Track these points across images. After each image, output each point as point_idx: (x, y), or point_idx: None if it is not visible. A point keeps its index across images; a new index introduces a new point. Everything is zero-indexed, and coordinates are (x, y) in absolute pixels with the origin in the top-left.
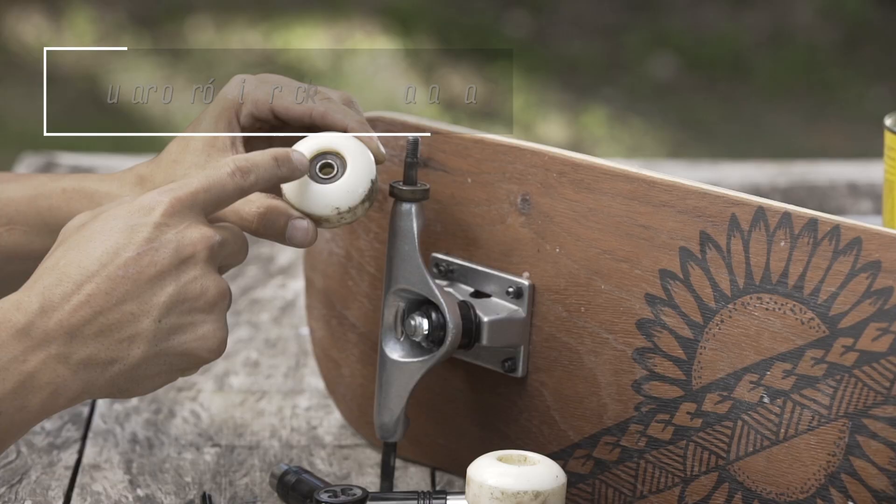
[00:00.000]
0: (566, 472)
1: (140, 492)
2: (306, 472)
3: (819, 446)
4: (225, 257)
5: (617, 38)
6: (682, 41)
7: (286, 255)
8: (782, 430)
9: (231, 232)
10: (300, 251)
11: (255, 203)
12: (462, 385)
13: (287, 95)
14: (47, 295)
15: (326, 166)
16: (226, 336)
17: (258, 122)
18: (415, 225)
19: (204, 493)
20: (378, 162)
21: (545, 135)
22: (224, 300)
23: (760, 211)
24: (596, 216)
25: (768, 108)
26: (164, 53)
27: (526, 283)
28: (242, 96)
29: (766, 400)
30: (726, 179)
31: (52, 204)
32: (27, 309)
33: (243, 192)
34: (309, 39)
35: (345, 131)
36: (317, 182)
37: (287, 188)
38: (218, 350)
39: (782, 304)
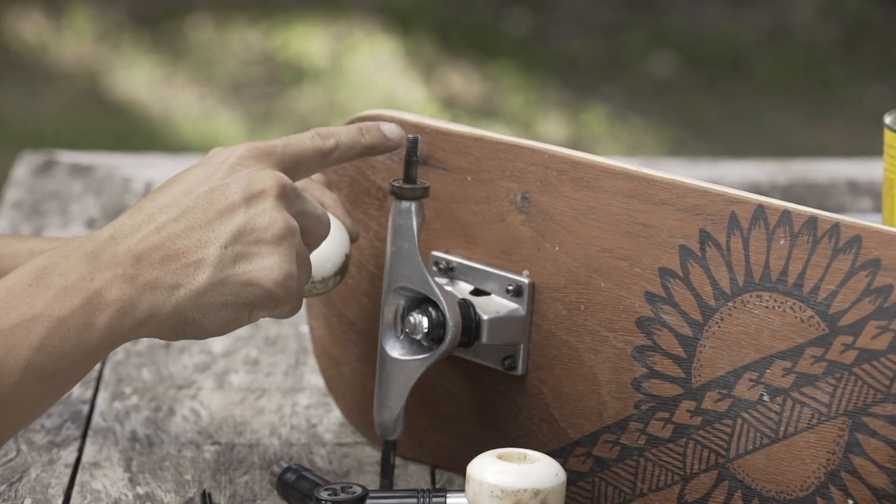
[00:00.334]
0: (566, 470)
1: (140, 490)
2: (306, 470)
3: (819, 444)
4: (302, 214)
5: (617, 36)
6: (682, 39)
7: None
8: (782, 428)
9: (310, 196)
10: None
11: None
12: (462, 383)
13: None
14: (118, 226)
15: None
16: (291, 270)
17: None
18: (414, 223)
19: (204, 491)
20: (352, 240)
21: (545, 133)
22: (292, 236)
23: (760, 209)
24: (596, 214)
25: (768, 106)
26: (163, 51)
27: (526, 281)
28: None
29: (765, 398)
30: (726, 178)
31: (18, 264)
32: (98, 238)
33: (323, 155)
34: (309, 38)
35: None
36: None
37: None
38: (284, 284)
39: (782, 302)
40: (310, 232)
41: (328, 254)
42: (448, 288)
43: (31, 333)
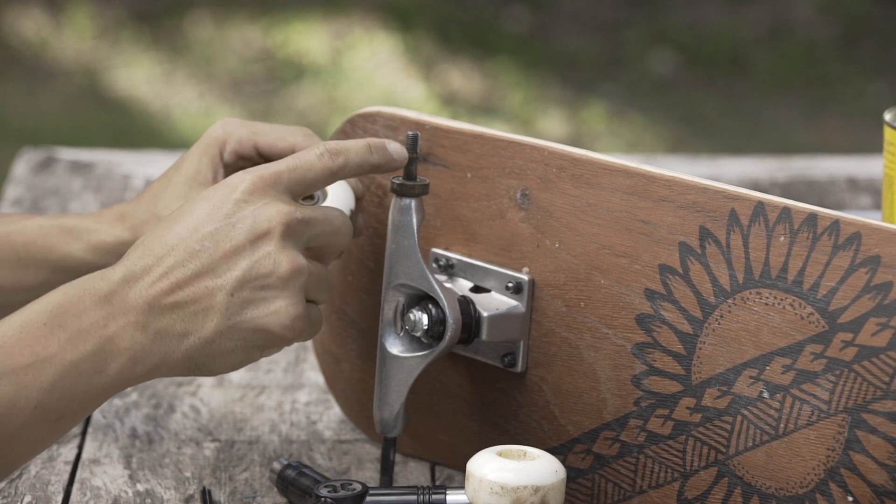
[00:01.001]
0: (566, 466)
1: (140, 486)
2: (306, 466)
3: (818, 441)
4: (314, 237)
5: (616, 33)
6: (681, 37)
7: None
8: (782, 425)
9: (322, 212)
10: None
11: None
12: (461, 380)
13: (270, 133)
14: (130, 266)
15: (307, 197)
16: (299, 313)
17: (241, 160)
18: (414, 220)
19: (204, 488)
20: (357, 198)
21: (545, 130)
22: (298, 277)
23: (760, 206)
24: (595, 211)
25: (768, 103)
26: (163, 48)
27: (525, 278)
28: (226, 135)
29: (765, 395)
30: (726, 174)
31: (28, 239)
32: (111, 278)
33: (333, 175)
34: (308, 35)
35: None
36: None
37: None
38: (292, 326)
39: (782, 299)
40: (328, 246)
41: None
42: (448, 285)
43: (43, 375)
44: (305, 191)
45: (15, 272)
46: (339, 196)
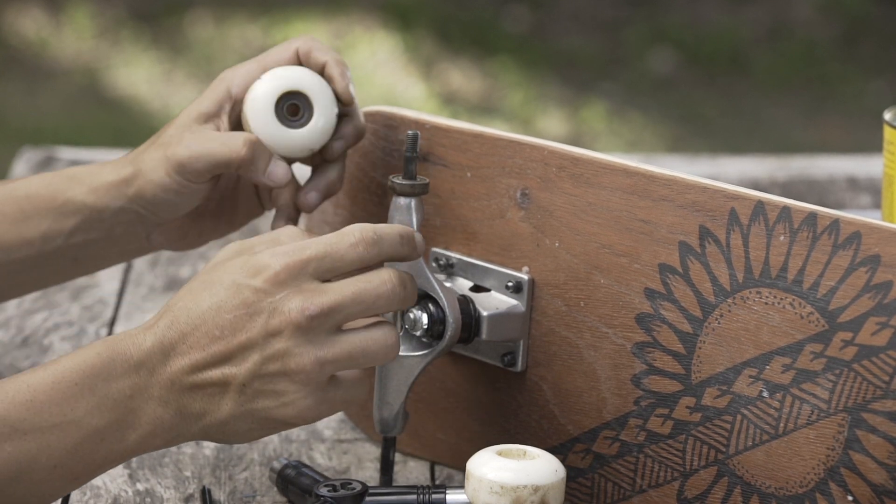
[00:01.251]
0: (565, 466)
1: (140, 486)
2: (306, 466)
3: (818, 440)
4: (346, 318)
5: (616, 32)
6: (681, 36)
7: None
8: (781, 425)
9: (352, 291)
10: None
11: (241, 135)
12: (461, 379)
13: (273, 52)
14: (158, 336)
15: (292, 107)
16: (311, 405)
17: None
18: (414, 219)
19: (203, 488)
20: (344, 102)
21: (545, 129)
22: (312, 371)
23: (760, 205)
24: (595, 210)
25: (768, 102)
26: (163, 48)
27: (525, 277)
28: (232, 73)
29: (765, 394)
30: (725, 174)
31: (31, 191)
32: (141, 346)
33: (364, 264)
34: (308, 34)
35: (323, 69)
36: (286, 126)
37: (257, 131)
38: (304, 416)
39: (781, 299)
40: (351, 315)
41: (323, 125)
42: (448, 284)
43: (68, 437)
44: (334, 276)
45: (17, 226)
46: (326, 105)
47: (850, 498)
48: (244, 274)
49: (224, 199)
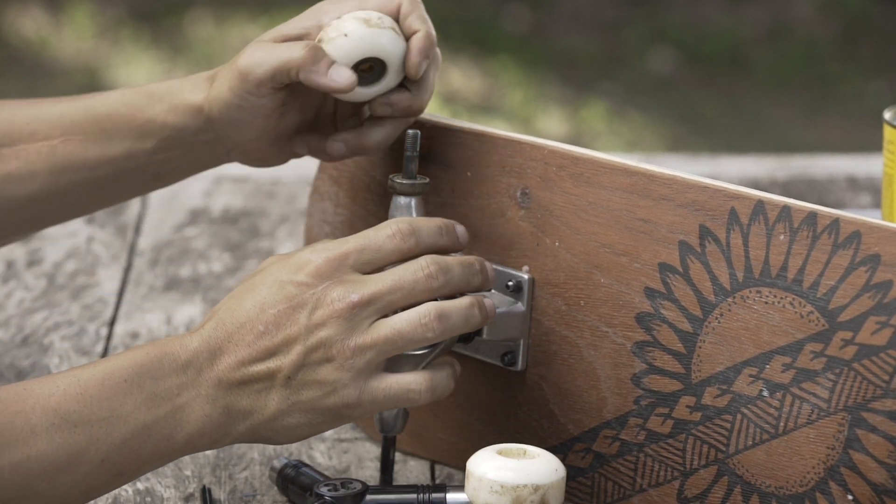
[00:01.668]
0: (566, 465)
1: (140, 485)
2: (306, 465)
3: (818, 440)
4: (389, 305)
5: (616, 32)
6: (681, 35)
7: (286, 248)
8: (781, 424)
9: (392, 279)
10: (299, 245)
11: (299, 46)
12: (462, 379)
13: None
14: (205, 337)
15: (367, 64)
16: (353, 393)
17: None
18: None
19: (203, 487)
20: (408, 76)
21: (545, 129)
22: (353, 356)
23: (760, 204)
24: (595, 210)
25: (768, 102)
26: (163, 47)
27: (526, 276)
28: (328, 4)
29: (765, 393)
30: (725, 173)
31: (110, 109)
32: (188, 347)
33: (402, 254)
34: None
35: (410, 37)
36: (359, 84)
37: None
38: (347, 404)
39: (781, 298)
40: (394, 302)
41: (391, 86)
42: None
43: (116, 431)
44: (374, 268)
45: (100, 146)
46: (397, 70)
47: (850, 497)
48: (286, 271)
49: (301, 122)
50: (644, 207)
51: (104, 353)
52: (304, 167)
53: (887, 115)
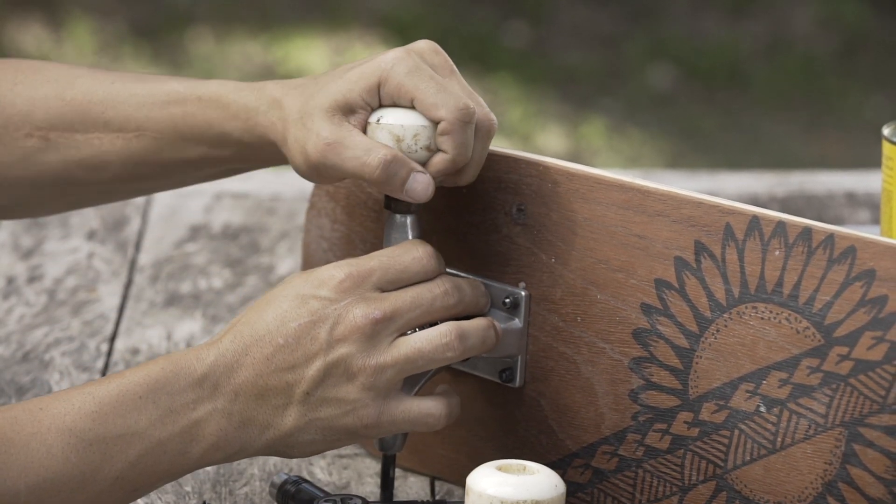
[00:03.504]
0: (565, 481)
1: (140, 501)
2: (306, 481)
3: (816, 455)
4: (409, 322)
5: (616, 48)
6: (680, 51)
7: (286, 264)
8: (779, 439)
9: (411, 296)
10: (298, 261)
11: (379, 152)
12: (460, 395)
13: (429, 96)
14: (222, 350)
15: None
16: (371, 413)
17: (392, 105)
18: (410, 236)
19: (203, 503)
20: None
21: (544, 145)
22: (372, 375)
23: (755, 220)
24: (591, 226)
25: (767, 117)
26: (164, 63)
27: (523, 293)
28: (391, 72)
29: (762, 409)
30: (724, 189)
31: (187, 111)
32: (204, 360)
33: (426, 276)
34: (308, 50)
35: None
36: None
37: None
38: (365, 424)
39: (777, 314)
40: (415, 319)
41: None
42: None
43: (131, 448)
44: (397, 286)
45: (173, 147)
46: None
47: None
48: (309, 286)
49: None
50: (639, 223)
51: (105, 369)
52: (304, 183)
53: (886, 131)
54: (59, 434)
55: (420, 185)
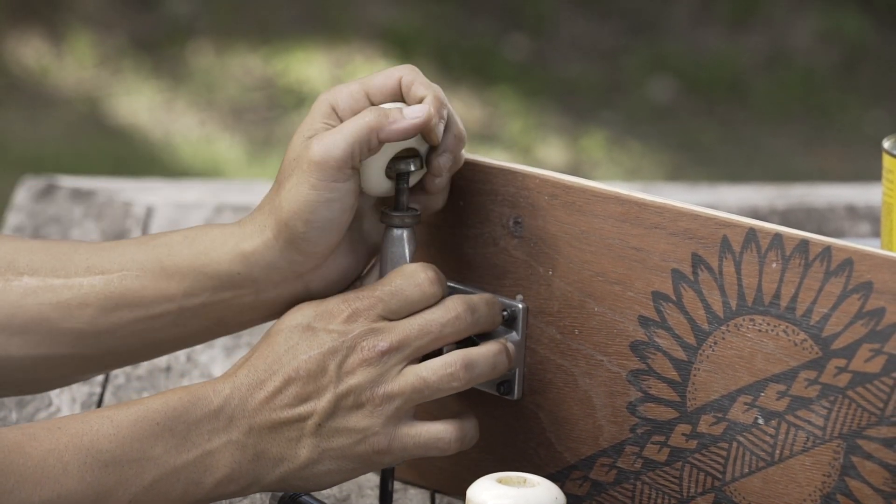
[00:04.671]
0: (563, 493)
1: None
2: (306, 493)
3: (814, 467)
4: (419, 349)
5: (616, 61)
6: (680, 64)
7: None
8: (777, 452)
9: (419, 324)
10: None
11: (364, 114)
12: (458, 408)
13: (377, 76)
14: (237, 384)
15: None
16: (382, 441)
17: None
18: (407, 250)
19: None
20: (429, 142)
21: (544, 158)
22: (388, 404)
23: (751, 232)
24: (588, 238)
25: (767, 130)
26: (164, 77)
27: (520, 306)
28: (335, 94)
29: (760, 421)
30: (724, 202)
31: (173, 250)
32: (220, 392)
33: (430, 302)
34: (309, 63)
35: (419, 101)
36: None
37: (367, 189)
38: (378, 451)
39: (775, 326)
40: (423, 347)
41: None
42: None
43: (145, 473)
44: (402, 316)
45: (156, 283)
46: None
47: None
48: (317, 318)
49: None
50: (636, 236)
51: (105, 382)
52: None
53: (886, 144)
54: (77, 453)
55: (416, 108)
